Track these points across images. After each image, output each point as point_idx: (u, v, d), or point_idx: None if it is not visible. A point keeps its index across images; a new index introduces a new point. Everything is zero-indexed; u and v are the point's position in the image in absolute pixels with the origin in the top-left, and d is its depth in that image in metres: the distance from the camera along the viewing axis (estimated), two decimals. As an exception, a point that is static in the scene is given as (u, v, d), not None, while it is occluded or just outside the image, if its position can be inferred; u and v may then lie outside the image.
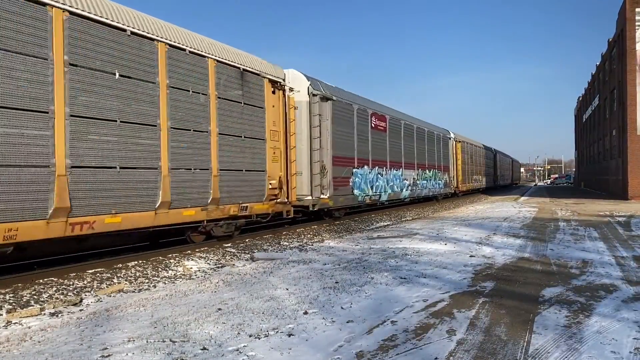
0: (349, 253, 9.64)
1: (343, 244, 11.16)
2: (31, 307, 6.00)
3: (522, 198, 32.58)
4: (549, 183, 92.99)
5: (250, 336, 4.62)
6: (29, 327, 5.16)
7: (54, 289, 6.99)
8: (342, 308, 5.56)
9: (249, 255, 9.86)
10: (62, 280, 7.47)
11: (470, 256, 8.95)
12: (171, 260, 9.15)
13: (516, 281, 6.83)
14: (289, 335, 4.65)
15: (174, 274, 8.11)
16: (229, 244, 11.26)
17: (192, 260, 9.26)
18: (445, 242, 10.72)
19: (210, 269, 8.53)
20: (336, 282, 6.86)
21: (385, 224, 16.48)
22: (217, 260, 9.36)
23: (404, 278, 7.07)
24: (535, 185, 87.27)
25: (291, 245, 11.22)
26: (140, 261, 9.04)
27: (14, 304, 6.20)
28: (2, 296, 6.52)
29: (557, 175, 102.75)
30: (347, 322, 5.01)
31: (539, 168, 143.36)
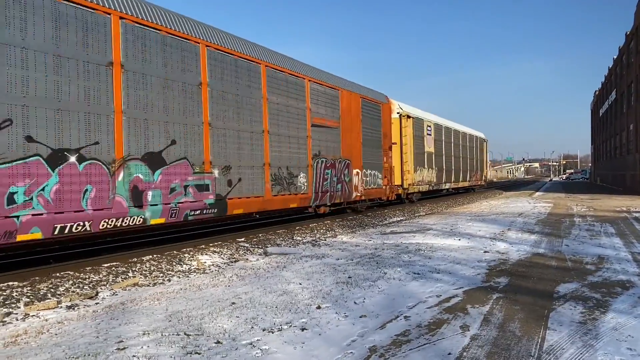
0: (362, 248, 9.63)
1: (356, 239, 11.15)
2: (48, 300, 6.10)
3: (537, 193, 32.25)
4: (564, 178, 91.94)
5: (263, 330, 4.65)
6: (47, 320, 5.25)
7: (70, 282, 7.10)
8: (355, 303, 5.56)
9: (262, 250, 9.90)
10: (78, 274, 7.58)
11: (485, 252, 8.89)
12: (185, 255, 9.23)
13: (531, 277, 6.77)
14: (303, 329, 4.66)
15: (188, 268, 8.18)
16: (243, 239, 11.33)
17: (206, 254, 9.33)
18: (459, 238, 10.65)
19: (224, 263, 8.59)
20: (349, 277, 6.86)
21: (399, 219, 16.43)
22: (230, 254, 9.42)
23: (418, 273, 7.05)
24: (551, 180, 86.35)
25: (304, 240, 11.25)
26: (154, 255, 9.15)
27: (31, 297, 6.31)
28: (20, 289, 6.64)
29: (572, 171, 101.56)
30: (360, 317, 5.01)
31: (555, 163, 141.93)
